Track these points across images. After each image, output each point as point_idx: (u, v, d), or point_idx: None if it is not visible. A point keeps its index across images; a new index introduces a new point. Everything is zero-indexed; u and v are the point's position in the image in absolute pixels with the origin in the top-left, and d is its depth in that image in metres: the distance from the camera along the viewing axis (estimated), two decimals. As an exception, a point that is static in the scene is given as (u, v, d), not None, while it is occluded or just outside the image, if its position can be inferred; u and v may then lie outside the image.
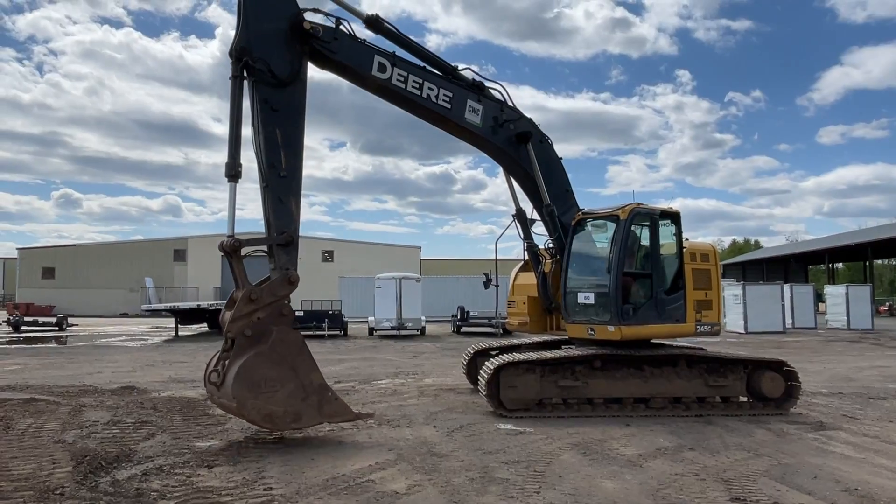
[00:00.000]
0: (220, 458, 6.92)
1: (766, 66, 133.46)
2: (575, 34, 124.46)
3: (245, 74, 7.60)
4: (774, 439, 7.95)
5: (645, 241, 9.84)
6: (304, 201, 8.00)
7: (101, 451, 7.04)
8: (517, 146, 9.76)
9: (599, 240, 10.22)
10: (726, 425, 8.69)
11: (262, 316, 7.32)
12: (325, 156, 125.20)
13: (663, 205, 10.19)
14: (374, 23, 8.70)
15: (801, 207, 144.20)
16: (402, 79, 8.63)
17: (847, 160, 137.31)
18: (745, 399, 9.72)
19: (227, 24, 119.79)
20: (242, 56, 7.51)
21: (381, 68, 8.50)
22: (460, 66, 9.40)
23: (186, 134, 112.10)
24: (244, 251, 7.47)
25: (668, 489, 5.97)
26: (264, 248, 7.72)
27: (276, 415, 7.21)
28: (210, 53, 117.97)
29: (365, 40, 8.60)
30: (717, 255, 10.44)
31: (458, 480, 6.17)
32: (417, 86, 8.74)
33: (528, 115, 10.02)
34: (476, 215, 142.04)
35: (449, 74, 9.22)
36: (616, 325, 9.16)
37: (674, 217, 10.03)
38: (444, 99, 8.93)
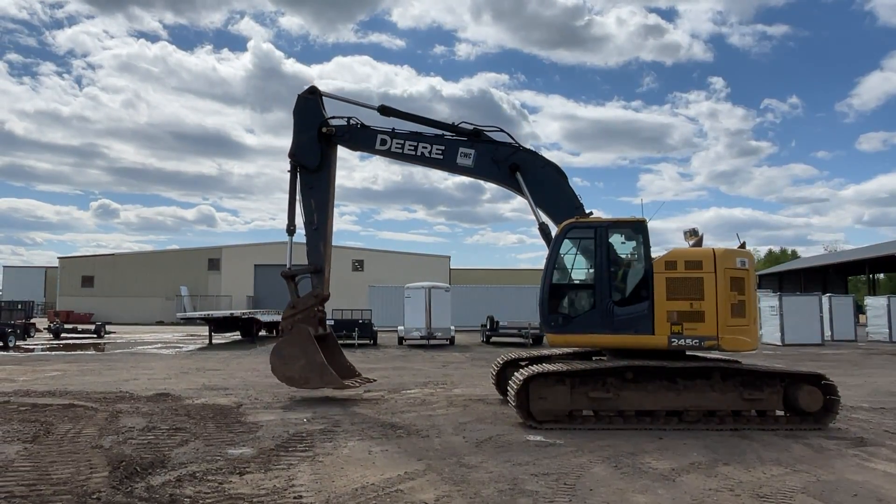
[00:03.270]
0: (251, 465, 7.00)
1: (804, 71, 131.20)
2: (606, 42, 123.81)
3: (295, 167, 11.92)
4: (812, 455, 7.75)
5: (586, 253, 10.04)
6: (334, 211, 12.20)
7: (136, 457, 7.19)
8: (511, 176, 11.05)
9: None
10: (762, 440, 8.50)
11: (301, 317, 11.46)
12: (355, 166, 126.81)
13: (629, 216, 10.22)
14: (383, 110, 11.81)
15: (841, 216, 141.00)
16: (400, 146, 11.48)
17: (889, 167, 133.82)
18: (781, 413, 9.49)
19: (259, 37, 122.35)
20: (292, 158, 11.87)
21: (383, 142, 11.56)
22: (465, 118, 12.18)
23: (220, 145, 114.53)
24: (296, 278, 11.85)
25: (702, 505, 5.85)
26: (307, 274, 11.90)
27: (293, 378, 11.25)
28: (242, 66, 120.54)
29: (369, 126, 11.74)
30: (723, 260, 9.37)
31: (487, 492, 6.14)
32: (413, 148, 11.42)
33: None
34: (505, 225, 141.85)
35: (449, 130, 11.46)
36: (547, 333, 10.00)
37: (636, 226, 9.92)
38: (437, 152, 11.32)
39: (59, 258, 56.78)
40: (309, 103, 11.96)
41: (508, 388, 9.58)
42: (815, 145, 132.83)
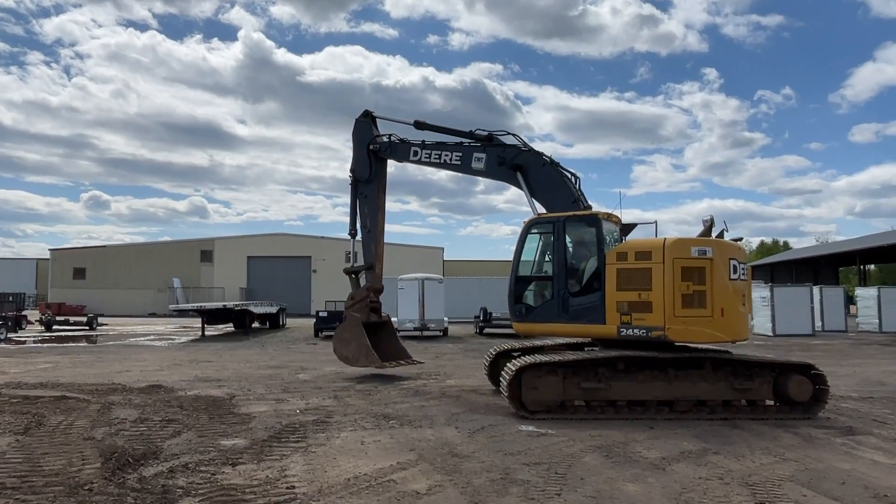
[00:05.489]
0: (244, 456, 7.01)
1: (797, 62, 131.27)
2: (601, 32, 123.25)
3: (355, 180, 14.17)
4: (801, 444, 7.83)
5: (547, 247, 10.51)
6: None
7: (128, 449, 7.19)
8: (514, 175, 11.90)
9: None
10: (752, 429, 8.58)
11: (357, 307, 13.63)
12: (348, 157, 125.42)
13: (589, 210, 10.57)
14: (417, 125, 13.38)
15: (833, 208, 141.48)
16: (428, 155, 13.17)
17: (881, 159, 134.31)
18: (771, 403, 9.57)
19: (249, 27, 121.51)
20: (351, 174, 14.19)
21: (415, 154, 13.28)
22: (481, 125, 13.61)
23: (211, 136, 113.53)
24: (357, 274, 14.19)
25: (692, 493, 5.91)
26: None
27: (348, 357, 13.34)
28: (233, 56, 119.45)
29: (405, 140, 13.50)
30: (673, 251, 9.29)
31: (478, 481, 6.18)
32: (437, 156, 13.05)
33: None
34: (499, 216, 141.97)
35: (467, 137, 12.67)
36: (513, 322, 10.80)
37: (589, 220, 10.21)
38: (456, 159, 12.72)
39: (50, 250, 56.45)
40: (363, 125, 14.11)
41: (501, 378, 9.63)
42: (808, 136, 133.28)
